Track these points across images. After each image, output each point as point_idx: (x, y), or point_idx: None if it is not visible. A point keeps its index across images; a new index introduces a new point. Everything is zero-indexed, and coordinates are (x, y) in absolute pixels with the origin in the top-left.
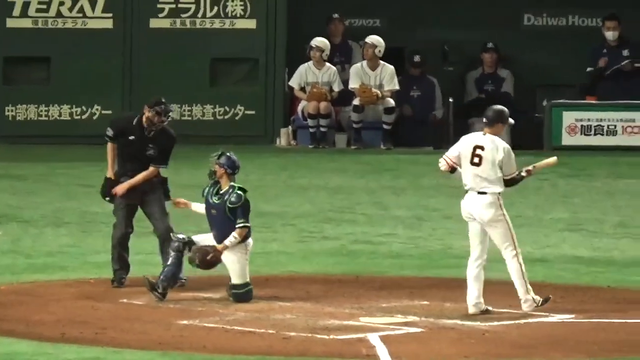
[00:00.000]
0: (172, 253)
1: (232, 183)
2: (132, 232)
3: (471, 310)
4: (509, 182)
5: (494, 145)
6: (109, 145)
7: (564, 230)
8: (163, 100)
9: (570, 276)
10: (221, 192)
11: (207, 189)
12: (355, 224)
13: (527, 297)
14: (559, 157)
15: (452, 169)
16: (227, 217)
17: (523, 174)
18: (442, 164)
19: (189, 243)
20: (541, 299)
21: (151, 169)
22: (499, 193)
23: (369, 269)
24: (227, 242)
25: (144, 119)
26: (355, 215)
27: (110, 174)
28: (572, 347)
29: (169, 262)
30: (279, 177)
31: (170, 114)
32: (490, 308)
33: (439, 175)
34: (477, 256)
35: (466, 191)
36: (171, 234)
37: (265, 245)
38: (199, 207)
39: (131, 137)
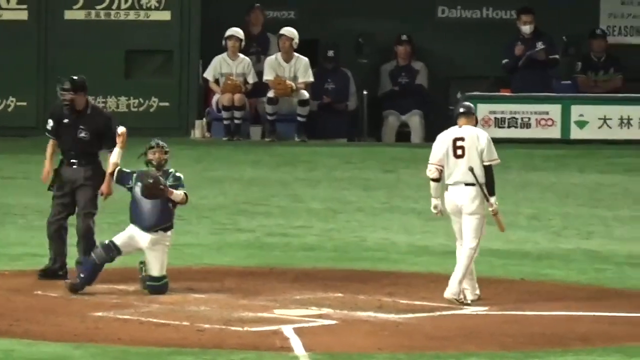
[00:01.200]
0: (95, 258)
1: (167, 169)
2: (63, 224)
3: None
4: (488, 170)
5: (474, 134)
6: (50, 143)
7: None
8: (71, 77)
9: (483, 268)
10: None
11: (136, 175)
12: (269, 216)
13: (454, 286)
14: None
15: (441, 174)
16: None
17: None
18: (432, 172)
19: (115, 253)
20: (463, 299)
21: (110, 154)
22: (484, 184)
23: (283, 261)
24: (174, 195)
25: None
26: (270, 207)
27: (47, 167)
28: (485, 339)
29: (89, 267)
30: (194, 169)
31: (65, 86)
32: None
33: (353, 167)
34: None
35: (449, 185)
36: (97, 243)
37: (179, 238)
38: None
39: (65, 121)
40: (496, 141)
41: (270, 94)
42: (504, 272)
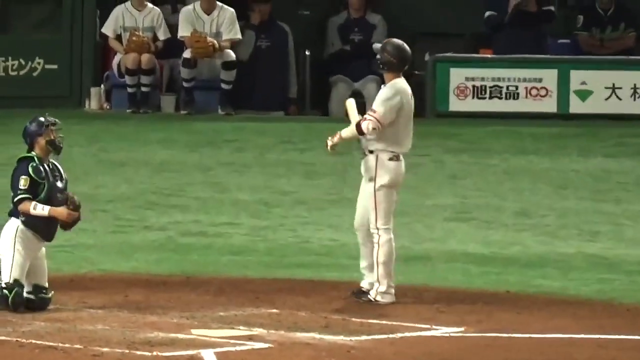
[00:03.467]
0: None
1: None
2: None
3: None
4: None
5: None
6: None
7: (451, 220)
8: None
9: (458, 278)
10: (51, 168)
11: (43, 168)
12: (185, 210)
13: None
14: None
15: None
16: None
17: None
18: (375, 132)
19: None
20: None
21: None
22: None
23: (203, 268)
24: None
25: None
26: (186, 199)
27: None
28: None
29: None
30: (89, 149)
31: None
32: None
33: (292, 148)
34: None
35: (402, 153)
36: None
37: (70, 237)
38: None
39: None
40: (475, 115)
41: (187, 54)
42: (484, 282)
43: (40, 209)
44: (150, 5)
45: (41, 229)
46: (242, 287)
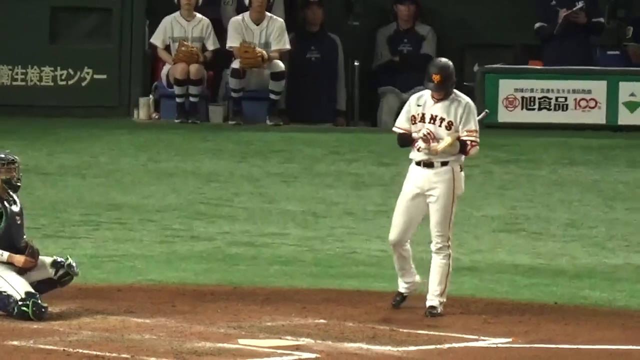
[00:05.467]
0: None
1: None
2: None
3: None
4: None
5: None
6: None
7: (499, 231)
8: None
9: (506, 289)
10: (6, 196)
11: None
12: (233, 220)
13: None
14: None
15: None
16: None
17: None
18: None
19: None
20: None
21: None
22: None
23: (251, 278)
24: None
25: None
26: (234, 209)
27: None
28: None
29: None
30: (137, 159)
31: None
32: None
33: (340, 159)
34: None
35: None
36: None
37: (118, 247)
38: None
39: None
40: (524, 127)
41: (235, 64)
42: (532, 294)
43: None
44: (199, 15)
45: (9, 264)
46: (289, 297)
